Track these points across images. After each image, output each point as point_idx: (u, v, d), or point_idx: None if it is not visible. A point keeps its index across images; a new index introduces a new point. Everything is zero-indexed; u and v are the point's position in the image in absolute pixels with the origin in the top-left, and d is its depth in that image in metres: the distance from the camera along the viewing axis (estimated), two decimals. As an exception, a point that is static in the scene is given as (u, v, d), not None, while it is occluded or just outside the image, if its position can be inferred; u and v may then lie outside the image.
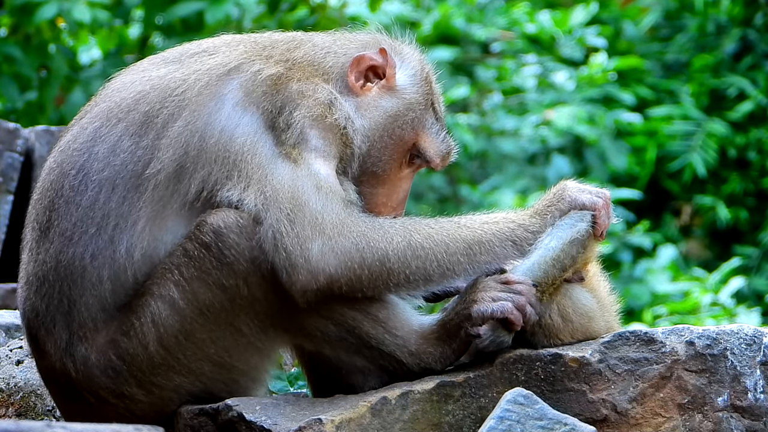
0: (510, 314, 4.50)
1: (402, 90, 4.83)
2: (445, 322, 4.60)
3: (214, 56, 4.70)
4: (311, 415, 4.45)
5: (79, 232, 4.56)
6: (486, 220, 4.61)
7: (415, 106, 4.83)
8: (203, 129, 4.55)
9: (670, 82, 14.47)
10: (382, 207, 4.82)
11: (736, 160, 14.00)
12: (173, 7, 10.59)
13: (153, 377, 4.55)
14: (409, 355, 4.59)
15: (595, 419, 4.55)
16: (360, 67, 4.77)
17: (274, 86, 4.62)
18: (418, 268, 4.51)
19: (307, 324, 4.53)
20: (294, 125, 4.57)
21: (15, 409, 5.26)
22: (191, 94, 4.59)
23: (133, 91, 4.66)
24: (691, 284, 11.94)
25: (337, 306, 4.51)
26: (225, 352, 4.56)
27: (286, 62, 4.70)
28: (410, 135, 4.83)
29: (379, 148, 4.78)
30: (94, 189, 4.57)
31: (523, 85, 14.07)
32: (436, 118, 4.90)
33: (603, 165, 13.70)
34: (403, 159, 4.84)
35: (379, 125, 4.78)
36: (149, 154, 4.55)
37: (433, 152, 4.88)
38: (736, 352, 4.59)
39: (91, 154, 4.60)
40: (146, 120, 4.59)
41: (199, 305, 4.50)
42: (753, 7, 14.43)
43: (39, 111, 10.40)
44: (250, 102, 4.59)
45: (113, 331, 4.55)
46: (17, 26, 10.78)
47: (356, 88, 4.77)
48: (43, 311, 4.60)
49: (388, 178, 4.83)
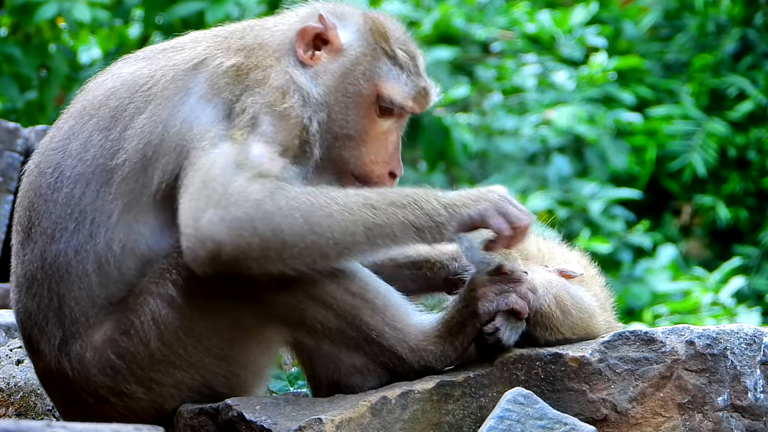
0: (516, 305, 4.53)
1: (348, 48, 4.81)
2: (447, 321, 4.61)
3: (180, 52, 4.76)
4: (311, 414, 4.45)
5: (60, 230, 4.60)
6: (395, 201, 4.50)
7: (362, 58, 4.81)
8: (167, 120, 4.60)
9: (670, 81, 14.47)
10: (373, 166, 4.80)
11: (736, 159, 14.00)
12: (173, 7, 10.60)
13: (153, 374, 4.56)
14: (410, 351, 4.59)
15: (595, 419, 4.55)
16: (305, 39, 4.78)
17: (235, 77, 4.66)
18: (314, 244, 4.42)
19: (308, 315, 4.53)
20: (248, 110, 4.59)
21: (15, 409, 5.26)
22: (157, 89, 4.65)
23: (105, 88, 4.74)
24: (691, 284, 11.94)
25: (330, 289, 4.51)
26: (226, 344, 4.57)
27: (243, 50, 4.73)
28: (366, 88, 4.80)
29: (339, 111, 4.77)
30: (70, 185, 4.62)
31: (523, 84, 14.07)
32: (395, 64, 4.84)
33: (603, 165, 13.70)
34: (372, 113, 4.81)
35: (332, 88, 4.76)
36: (116, 146, 4.62)
37: (400, 97, 4.82)
38: (736, 352, 4.59)
39: (66, 151, 4.67)
40: (115, 114, 4.66)
41: (199, 301, 4.52)
42: (753, 6, 14.43)
43: (39, 111, 10.41)
44: (213, 94, 4.63)
45: (111, 331, 4.56)
46: (17, 26, 10.79)
47: (307, 60, 4.78)
48: (35, 311, 4.63)
49: (367, 135, 4.80)
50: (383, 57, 4.84)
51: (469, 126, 13.37)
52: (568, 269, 4.80)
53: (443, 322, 4.62)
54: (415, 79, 4.86)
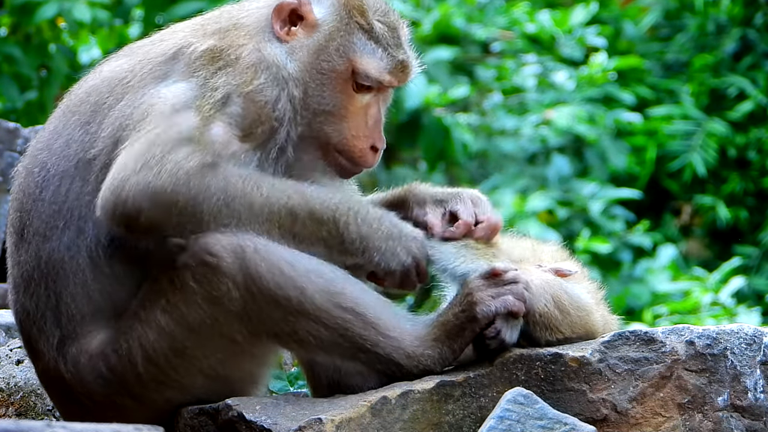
0: (513, 307, 4.53)
1: (322, 23, 4.78)
2: (444, 324, 4.60)
3: (159, 44, 4.78)
4: (311, 414, 4.45)
5: (51, 228, 4.62)
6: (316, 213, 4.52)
7: (335, 34, 4.77)
8: (140, 100, 4.61)
9: (670, 81, 14.47)
10: (355, 141, 4.78)
11: (736, 159, 14.00)
12: (173, 7, 10.60)
13: (144, 391, 4.57)
14: (407, 357, 4.58)
15: (595, 419, 4.55)
16: (281, 16, 4.77)
17: (210, 59, 4.66)
18: (228, 229, 4.47)
19: (299, 328, 4.52)
20: (220, 89, 4.60)
21: (15, 409, 5.26)
22: (135, 80, 4.67)
23: (86, 86, 4.78)
24: (691, 284, 11.94)
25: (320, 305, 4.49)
26: (219, 365, 4.56)
27: (217, 33, 4.74)
28: (341, 64, 4.77)
29: (315, 87, 4.75)
30: (56, 183, 4.64)
31: (523, 84, 14.07)
32: (370, 38, 4.79)
33: (603, 165, 13.70)
34: (348, 89, 4.78)
35: (306, 64, 4.74)
36: (94, 137, 4.64)
37: (375, 72, 4.78)
38: (736, 352, 4.59)
39: (51, 150, 4.70)
40: (95, 109, 4.69)
41: (189, 325, 4.50)
42: (753, 6, 14.43)
43: (39, 111, 10.40)
44: (189, 74, 4.64)
45: (104, 344, 4.56)
46: (17, 26, 10.78)
47: (283, 36, 4.76)
48: (33, 310, 4.64)
49: (346, 110, 4.78)
50: (357, 31, 4.79)
51: (469, 126, 13.36)
52: (564, 268, 4.80)
53: (439, 325, 4.60)
54: (393, 52, 4.82)
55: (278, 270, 4.46)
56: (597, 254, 12.35)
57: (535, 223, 12.30)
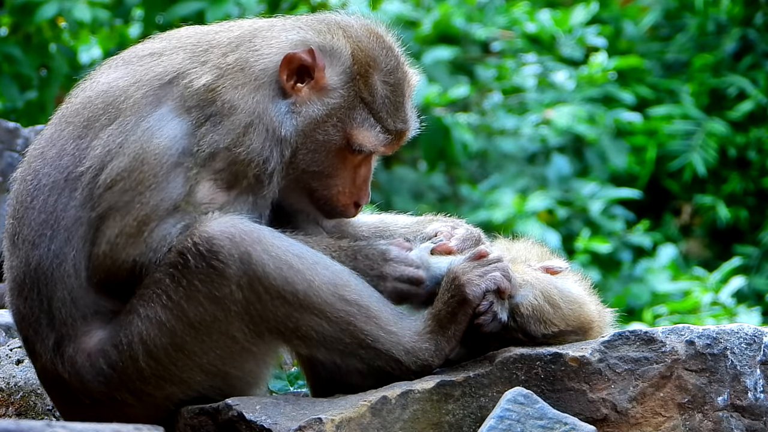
0: (501, 283, 4.57)
1: (331, 90, 4.76)
2: (436, 315, 4.62)
3: (158, 62, 4.76)
4: (311, 414, 4.45)
5: (39, 236, 4.66)
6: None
7: (337, 110, 4.76)
8: (131, 128, 4.65)
9: (670, 81, 14.47)
10: (341, 196, 4.82)
11: (736, 159, 14.00)
12: (173, 7, 10.59)
13: (144, 386, 4.58)
14: (405, 353, 4.59)
15: (595, 419, 4.55)
16: (291, 67, 4.73)
17: (206, 99, 4.67)
18: None
19: (302, 324, 4.53)
20: (209, 141, 4.63)
21: (15, 409, 5.27)
22: (128, 104, 4.68)
23: (83, 96, 4.80)
24: (691, 284, 11.94)
25: (326, 298, 4.53)
26: (219, 361, 4.57)
27: (219, 69, 4.72)
28: (337, 137, 4.77)
29: (307, 152, 4.76)
30: (45, 193, 4.68)
31: (523, 84, 14.07)
32: (370, 112, 4.79)
33: (603, 164, 13.70)
34: (341, 155, 4.80)
35: (301, 132, 4.74)
36: (84, 154, 4.67)
37: (370, 145, 4.81)
38: (736, 352, 4.59)
39: (44, 158, 4.74)
40: (88, 124, 4.71)
41: (190, 321, 4.52)
42: (753, 6, 14.43)
43: (39, 110, 10.40)
44: (183, 110, 4.66)
45: (103, 341, 4.57)
46: (17, 26, 10.78)
47: (288, 88, 4.74)
48: (27, 313, 4.68)
49: (336, 170, 4.81)
50: (359, 105, 4.79)
51: (469, 126, 13.36)
52: (553, 265, 4.84)
53: (431, 317, 4.63)
54: (391, 124, 4.83)
55: (286, 264, 4.48)
56: (597, 254, 12.36)
57: (535, 222, 12.31)
